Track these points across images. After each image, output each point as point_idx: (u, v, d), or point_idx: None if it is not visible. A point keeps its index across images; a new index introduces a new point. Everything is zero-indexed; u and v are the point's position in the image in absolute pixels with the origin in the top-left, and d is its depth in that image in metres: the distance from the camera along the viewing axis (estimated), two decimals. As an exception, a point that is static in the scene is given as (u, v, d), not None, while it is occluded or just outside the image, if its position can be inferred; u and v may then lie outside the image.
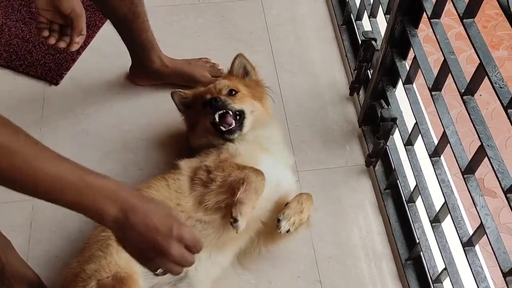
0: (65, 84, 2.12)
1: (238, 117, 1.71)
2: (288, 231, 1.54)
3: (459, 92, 1.28)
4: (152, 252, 1.00)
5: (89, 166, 0.99)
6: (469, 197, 1.29)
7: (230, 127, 1.67)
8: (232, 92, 1.76)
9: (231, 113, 1.69)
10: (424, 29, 2.64)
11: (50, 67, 2.11)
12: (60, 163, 0.96)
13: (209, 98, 1.70)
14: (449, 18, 2.79)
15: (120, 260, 1.41)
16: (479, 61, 1.20)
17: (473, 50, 1.23)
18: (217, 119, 1.67)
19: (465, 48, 2.72)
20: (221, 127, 1.67)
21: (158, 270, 1.04)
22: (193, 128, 1.80)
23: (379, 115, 1.72)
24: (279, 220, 1.53)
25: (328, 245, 1.81)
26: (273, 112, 1.98)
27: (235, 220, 1.45)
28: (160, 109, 2.06)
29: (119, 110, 2.06)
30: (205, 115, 1.71)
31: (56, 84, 2.10)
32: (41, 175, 0.94)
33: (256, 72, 1.89)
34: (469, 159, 1.29)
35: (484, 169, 1.37)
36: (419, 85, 1.86)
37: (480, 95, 2.42)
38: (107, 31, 2.20)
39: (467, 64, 2.67)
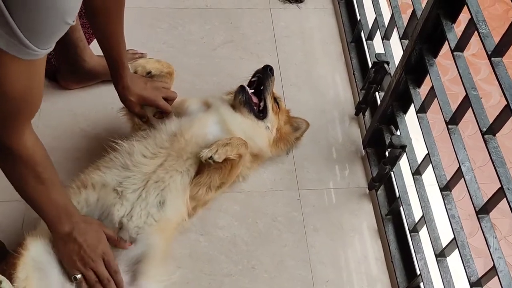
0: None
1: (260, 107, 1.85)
2: (210, 158, 1.54)
3: (480, 130, 1.26)
4: (80, 261, 1.40)
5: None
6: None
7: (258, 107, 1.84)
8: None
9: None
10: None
11: (51, 63, 2.05)
12: (61, 195, 1.39)
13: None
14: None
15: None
16: (506, 102, 1.17)
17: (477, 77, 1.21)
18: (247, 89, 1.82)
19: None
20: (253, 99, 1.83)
21: (78, 276, 1.41)
22: None
23: (389, 141, 1.69)
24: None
25: (327, 268, 1.77)
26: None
27: None
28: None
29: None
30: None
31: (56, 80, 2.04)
32: (47, 201, 1.35)
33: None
34: (485, 200, 1.26)
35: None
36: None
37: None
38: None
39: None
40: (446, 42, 1.47)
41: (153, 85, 1.74)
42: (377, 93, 1.96)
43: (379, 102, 1.96)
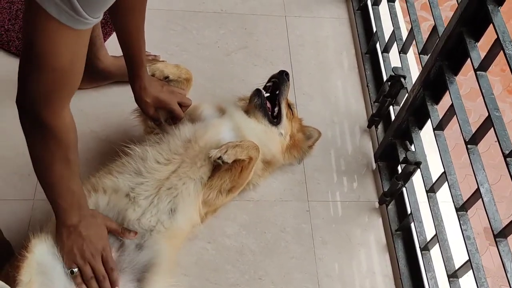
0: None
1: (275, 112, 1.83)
2: (219, 158, 1.53)
3: (503, 153, 1.24)
4: (80, 255, 1.38)
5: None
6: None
7: (272, 112, 1.83)
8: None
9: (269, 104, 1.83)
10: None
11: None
12: (78, 184, 1.36)
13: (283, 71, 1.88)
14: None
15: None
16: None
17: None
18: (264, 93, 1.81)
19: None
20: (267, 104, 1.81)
21: (75, 270, 1.39)
22: None
23: (403, 156, 1.67)
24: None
25: (334, 282, 1.75)
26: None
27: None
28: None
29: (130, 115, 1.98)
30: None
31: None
32: (66, 188, 1.32)
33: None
34: (504, 225, 1.24)
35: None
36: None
37: (496, 141, 2.40)
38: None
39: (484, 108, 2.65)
40: (468, 60, 1.46)
41: (169, 89, 1.73)
42: (391, 106, 1.94)
43: (392, 115, 1.94)
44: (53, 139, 1.20)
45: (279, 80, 1.86)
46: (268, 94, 1.84)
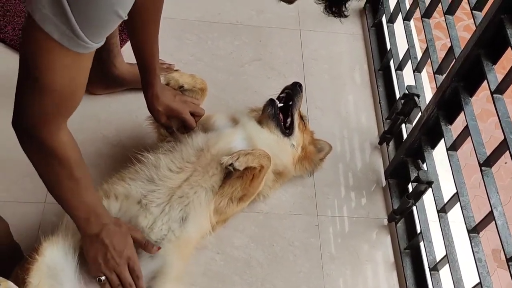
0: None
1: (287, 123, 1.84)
2: (231, 165, 1.54)
3: (518, 176, 1.24)
4: (105, 264, 1.37)
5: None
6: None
7: (285, 123, 1.83)
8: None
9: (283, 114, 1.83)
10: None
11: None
12: (92, 195, 1.35)
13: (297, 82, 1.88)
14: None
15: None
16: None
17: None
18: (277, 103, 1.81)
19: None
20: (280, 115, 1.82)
21: (102, 278, 1.39)
22: None
23: (415, 175, 1.67)
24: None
25: (341, 298, 1.75)
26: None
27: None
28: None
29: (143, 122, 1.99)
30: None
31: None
32: (78, 202, 1.32)
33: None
34: (518, 248, 1.24)
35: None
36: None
37: (506, 163, 2.40)
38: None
39: (495, 129, 2.65)
40: (484, 82, 1.46)
41: (182, 99, 1.73)
42: (404, 124, 1.94)
43: (404, 133, 1.94)
44: (54, 159, 1.20)
45: (292, 91, 1.87)
46: (281, 105, 1.85)
